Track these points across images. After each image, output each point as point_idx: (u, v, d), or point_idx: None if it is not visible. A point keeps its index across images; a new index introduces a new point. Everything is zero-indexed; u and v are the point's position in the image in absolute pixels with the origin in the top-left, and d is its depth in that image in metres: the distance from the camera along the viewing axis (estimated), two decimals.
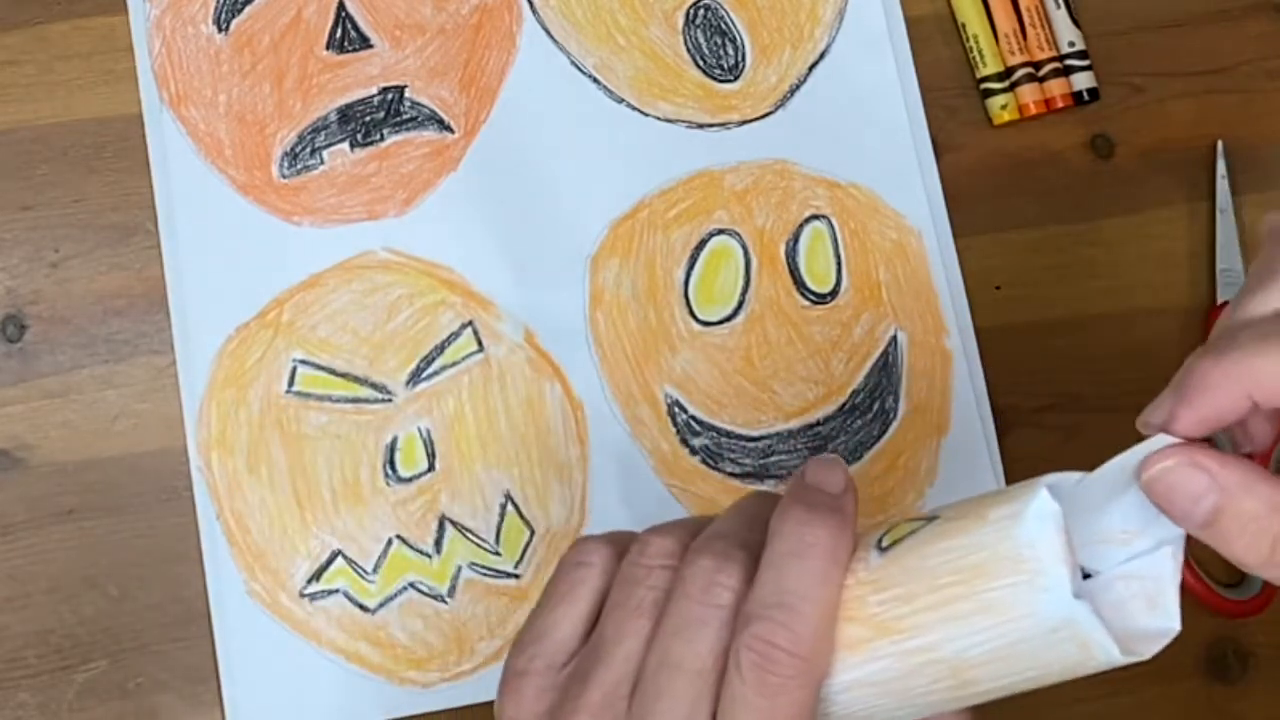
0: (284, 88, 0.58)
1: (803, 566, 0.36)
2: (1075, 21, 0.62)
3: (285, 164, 0.58)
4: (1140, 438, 0.38)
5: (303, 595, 0.54)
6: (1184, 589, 0.58)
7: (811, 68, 0.61)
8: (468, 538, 0.55)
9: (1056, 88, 0.61)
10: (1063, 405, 0.59)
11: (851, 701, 0.37)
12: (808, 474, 0.38)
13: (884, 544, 0.37)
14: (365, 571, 0.55)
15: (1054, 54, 0.61)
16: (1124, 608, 0.37)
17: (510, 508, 0.56)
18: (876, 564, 0.37)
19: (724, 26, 0.61)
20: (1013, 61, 0.61)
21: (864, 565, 0.37)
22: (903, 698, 0.37)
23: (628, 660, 0.36)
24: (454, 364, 0.57)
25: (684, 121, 0.59)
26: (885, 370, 0.58)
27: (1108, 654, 0.36)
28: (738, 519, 0.38)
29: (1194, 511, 0.36)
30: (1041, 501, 0.35)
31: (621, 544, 0.39)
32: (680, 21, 0.60)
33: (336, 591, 0.54)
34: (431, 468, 0.56)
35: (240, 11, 0.58)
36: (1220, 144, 0.62)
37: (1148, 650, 0.37)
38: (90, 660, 0.54)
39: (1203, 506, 0.35)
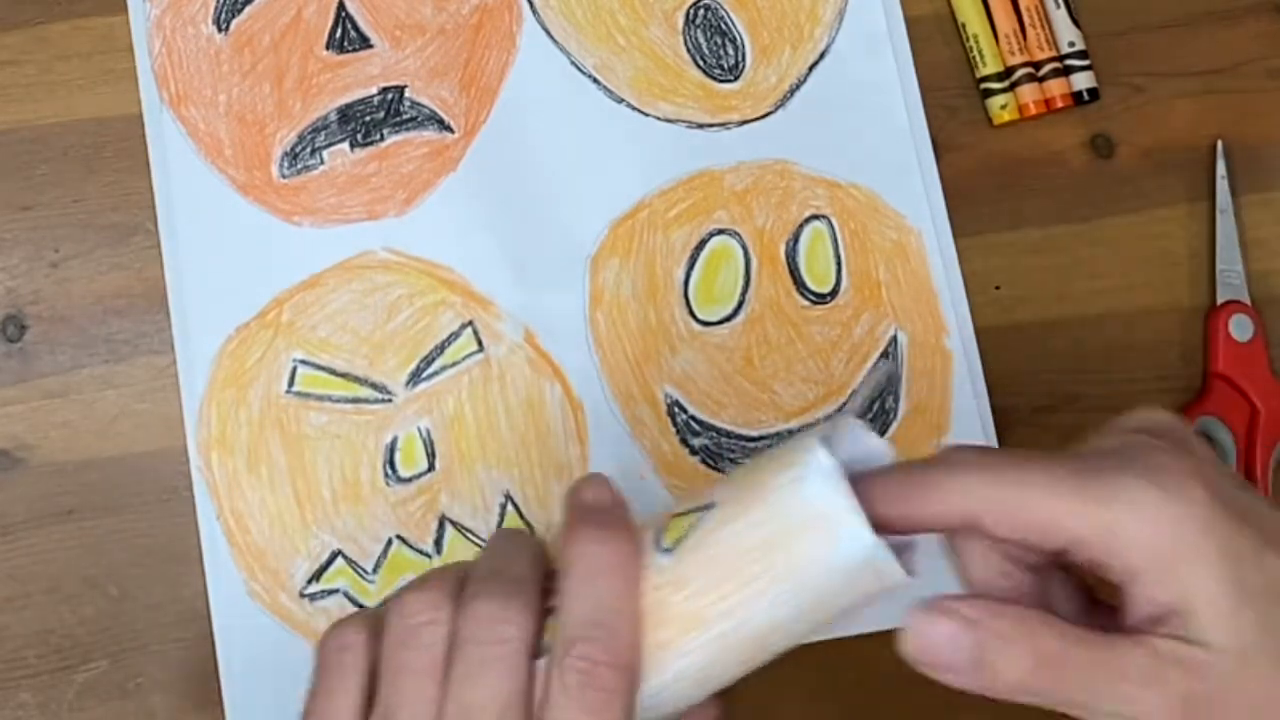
0: (284, 88, 0.58)
1: (610, 583, 0.37)
2: (1075, 21, 0.62)
3: (285, 164, 0.58)
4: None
5: (303, 595, 0.54)
6: None
7: (811, 68, 0.61)
8: (468, 538, 0.55)
9: (1056, 88, 0.61)
10: (1063, 405, 0.59)
11: (664, 702, 0.38)
12: (585, 494, 0.39)
13: (666, 544, 0.38)
14: (365, 571, 0.55)
15: (1054, 54, 0.62)
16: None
17: (510, 508, 0.56)
18: (667, 564, 0.38)
19: (724, 26, 0.61)
20: (1013, 61, 0.61)
21: (654, 568, 0.38)
22: (709, 683, 0.38)
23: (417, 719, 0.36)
24: (454, 364, 0.57)
25: (684, 121, 0.59)
26: (885, 370, 0.58)
27: (897, 578, 0.37)
28: (498, 558, 0.39)
29: (956, 658, 0.38)
30: (820, 460, 0.37)
31: (375, 617, 0.39)
32: (680, 21, 0.60)
33: (337, 591, 0.54)
34: (431, 468, 0.56)
35: (240, 11, 0.58)
36: (1220, 144, 0.62)
37: (917, 567, 0.39)
38: (90, 660, 0.54)
39: (962, 648, 0.38)
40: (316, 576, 0.55)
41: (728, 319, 0.58)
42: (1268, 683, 0.36)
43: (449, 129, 0.58)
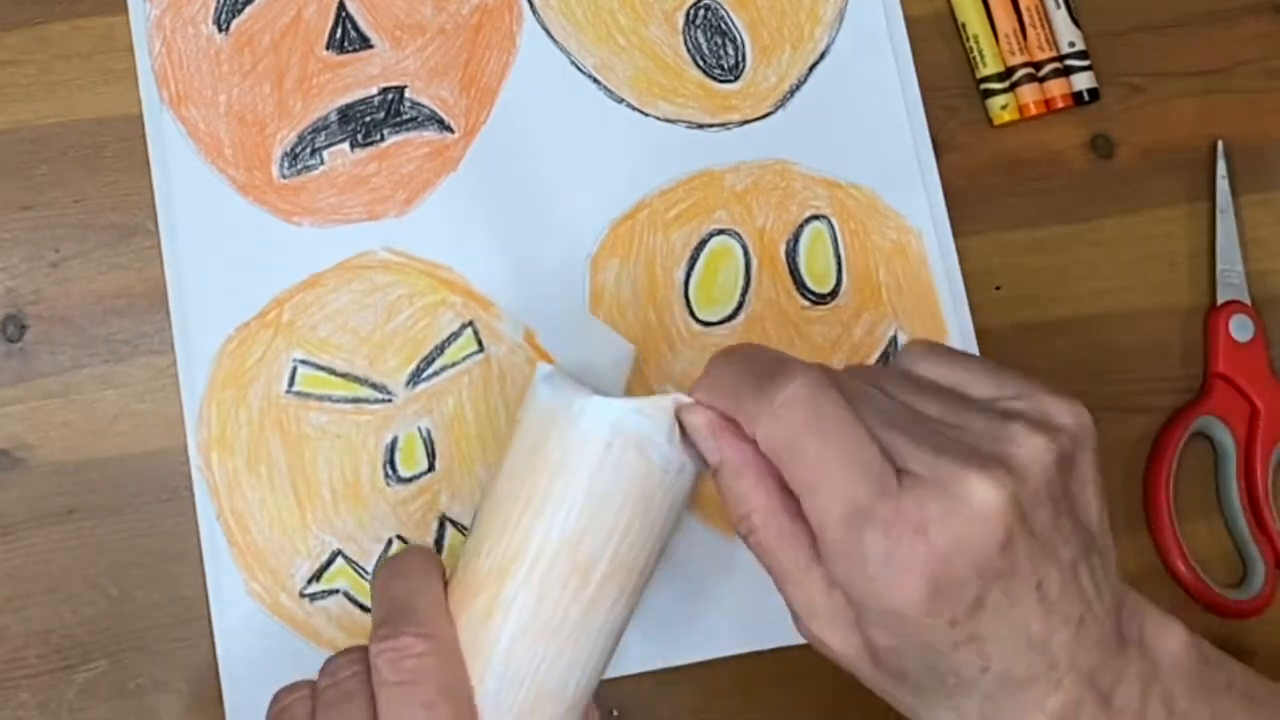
0: (284, 88, 0.58)
1: (403, 579, 0.40)
2: (1075, 21, 0.62)
3: (285, 164, 0.58)
4: None
5: (303, 595, 0.54)
6: (1185, 588, 0.58)
7: (812, 68, 0.61)
8: (468, 537, 0.55)
9: (1056, 88, 0.61)
10: None
11: (519, 667, 0.39)
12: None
13: (468, 526, 0.41)
14: (366, 571, 0.55)
15: (1054, 54, 0.62)
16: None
17: None
18: (469, 542, 0.40)
19: (724, 26, 0.61)
20: (1013, 61, 0.61)
21: (462, 554, 0.40)
22: (556, 629, 0.39)
23: None
24: (454, 364, 0.57)
25: (684, 121, 0.59)
26: None
27: (661, 451, 0.39)
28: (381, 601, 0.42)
29: (708, 458, 0.40)
30: (543, 369, 0.40)
31: (303, 685, 0.43)
32: (680, 21, 0.60)
33: (337, 591, 0.54)
34: (432, 467, 0.56)
35: (240, 11, 0.58)
36: (1220, 144, 0.62)
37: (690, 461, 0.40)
38: (90, 660, 0.54)
39: (713, 459, 0.40)
40: (317, 576, 0.55)
41: (728, 319, 0.58)
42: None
43: (449, 129, 0.58)
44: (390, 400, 0.56)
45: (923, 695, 0.39)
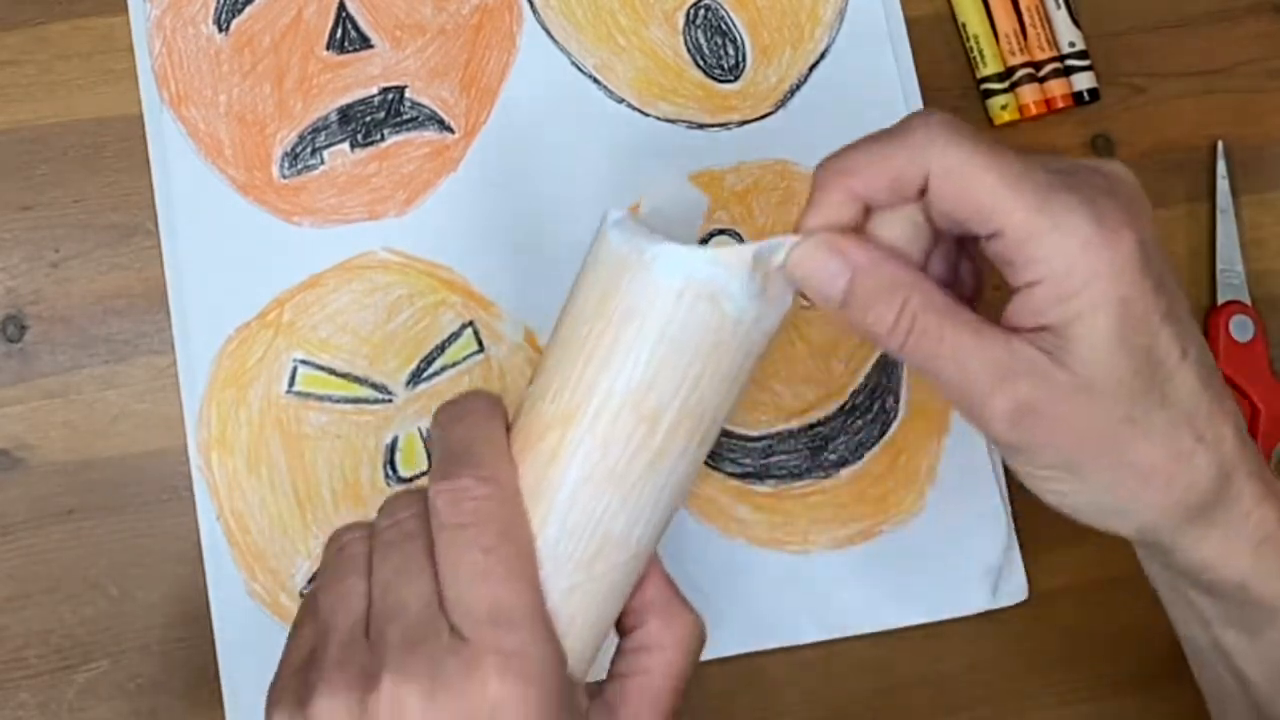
0: (284, 88, 0.58)
1: (465, 421, 0.39)
2: (1075, 21, 0.62)
3: (285, 164, 0.58)
4: None
5: (303, 595, 0.54)
6: None
7: (812, 68, 0.61)
8: (531, 383, 0.55)
9: (1057, 88, 0.61)
10: None
11: (580, 516, 0.38)
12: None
13: (531, 374, 0.39)
14: None
15: (1054, 54, 0.61)
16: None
17: None
18: (532, 386, 0.39)
19: (724, 27, 0.61)
20: (1013, 62, 0.61)
21: (526, 398, 0.39)
22: (620, 478, 0.38)
23: (351, 612, 0.38)
24: (454, 364, 0.57)
25: (684, 121, 0.59)
26: (885, 370, 0.58)
27: (735, 302, 0.38)
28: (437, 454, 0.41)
29: (831, 290, 0.39)
30: (613, 215, 0.38)
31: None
32: (680, 22, 0.60)
33: None
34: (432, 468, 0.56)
35: (240, 11, 0.58)
36: (1220, 144, 0.62)
37: (778, 307, 0.39)
38: (90, 660, 0.54)
39: (838, 284, 0.39)
40: (317, 576, 0.55)
41: None
42: (1097, 422, 0.38)
43: (449, 129, 0.58)
44: (390, 400, 0.56)
45: (1125, 426, 0.38)
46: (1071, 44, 0.61)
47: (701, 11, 0.61)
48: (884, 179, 0.39)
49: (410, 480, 0.56)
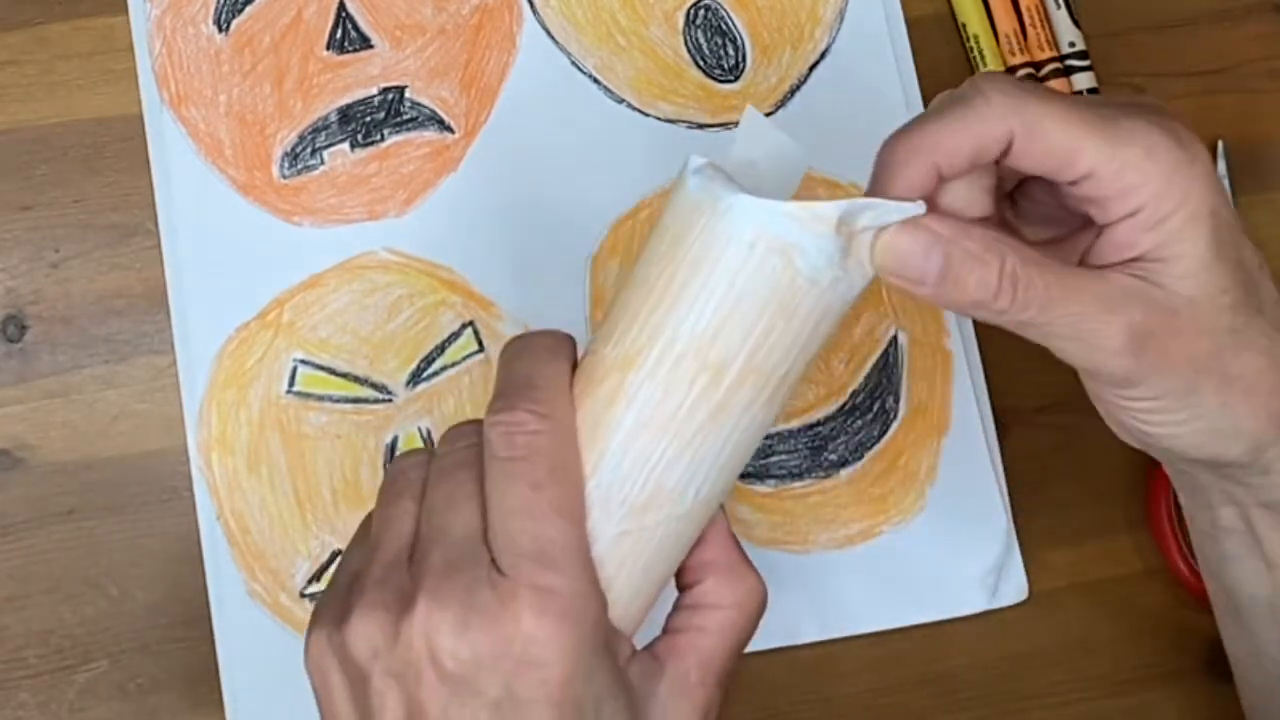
0: (284, 88, 0.58)
1: (528, 357, 0.39)
2: (1075, 22, 0.62)
3: (285, 164, 0.58)
4: None
5: (303, 595, 0.54)
6: (1185, 588, 0.58)
7: (812, 68, 0.61)
8: (599, 325, 0.55)
9: (1057, 88, 0.61)
10: (1063, 405, 0.59)
11: (635, 461, 0.37)
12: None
13: (598, 318, 0.39)
14: None
15: (1054, 54, 0.62)
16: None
17: None
18: (597, 331, 0.38)
19: (724, 27, 0.61)
20: (1013, 62, 0.61)
21: (592, 341, 0.39)
22: (679, 427, 0.37)
23: (399, 534, 0.38)
24: (454, 364, 0.57)
25: (684, 121, 0.59)
26: (885, 370, 0.58)
27: (810, 260, 0.36)
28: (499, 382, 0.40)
29: (927, 269, 0.38)
30: (690, 164, 0.38)
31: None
32: (680, 22, 0.60)
33: None
34: None
35: (240, 12, 0.58)
36: (1221, 144, 0.62)
37: (860, 274, 0.38)
38: (91, 660, 0.54)
39: (933, 261, 0.38)
40: (317, 577, 0.55)
41: None
42: (1205, 337, 0.38)
43: (449, 129, 0.58)
44: (390, 400, 0.56)
45: (1229, 337, 0.38)
46: (1071, 44, 0.61)
47: (701, 11, 0.61)
48: (967, 149, 0.39)
49: None
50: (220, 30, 0.58)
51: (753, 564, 0.40)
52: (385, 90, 0.58)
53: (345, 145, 0.58)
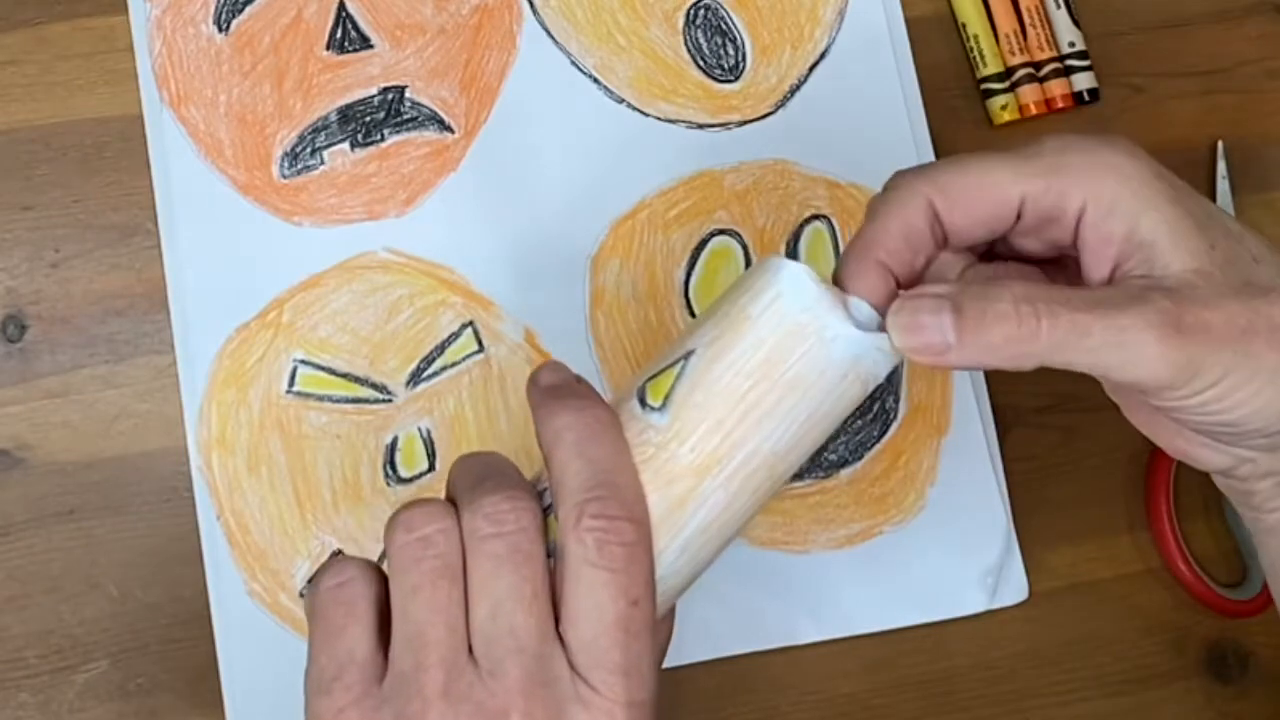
0: (284, 88, 0.58)
1: (602, 445, 0.37)
2: (1075, 22, 0.62)
3: (285, 164, 0.58)
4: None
5: (303, 595, 0.54)
6: (1185, 588, 0.58)
7: (812, 68, 0.61)
8: (656, 406, 0.55)
9: (1057, 88, 0.61)
10: (1063, 405, 0.59)
11: (689, 560, 0.38)
12: (545, 378, 0.39)
13: (654, 403, 0.38)
14: None
15: (1054, 54, 0.61)
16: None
17: None
18: (664, 422, 0.37)
19: (724, 27, 0.61)
20: (1013, 62, 0.61)
21: (650, 429, 0.38)
22: (731, 525, 0.38)
23: (453, 629, 0.35)
24: (454, 364, 0.57)
25: (684, 121, 0.59)
26: None
27: (877, 377, 0.38)
28: (480, 466, 0.38)
29: (944, 326, 0.37)
30: (791, 271, 0.38)
31: (362, 558, 0.38)
32: (680, 22, 0.60)
33: None
34: (432, 468, 0.56)
35: (240, 12, 0.58)
36: (1220, 144, 0.62)
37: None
38: (90, 660, 0.54)
39: (945, 317, 0.37)
40: None
41: None
42: (1236, 300, 0.37)
43: (449, 129, 0.58)
44: (390, 400, 0.56)
45: (1249, 291, 0.38)
46: (1071, 44, 0.61)
47: (701, 11, 0.61)
48: (898, 233, 0.39)
49: (410, 480, 0.56)
50: (220, 30, 0.58)
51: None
52: (385, 90, 0.58)
53: (345, 145, 0.58)
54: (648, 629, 0.36)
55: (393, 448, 0.56)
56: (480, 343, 0.57)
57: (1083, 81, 0.61)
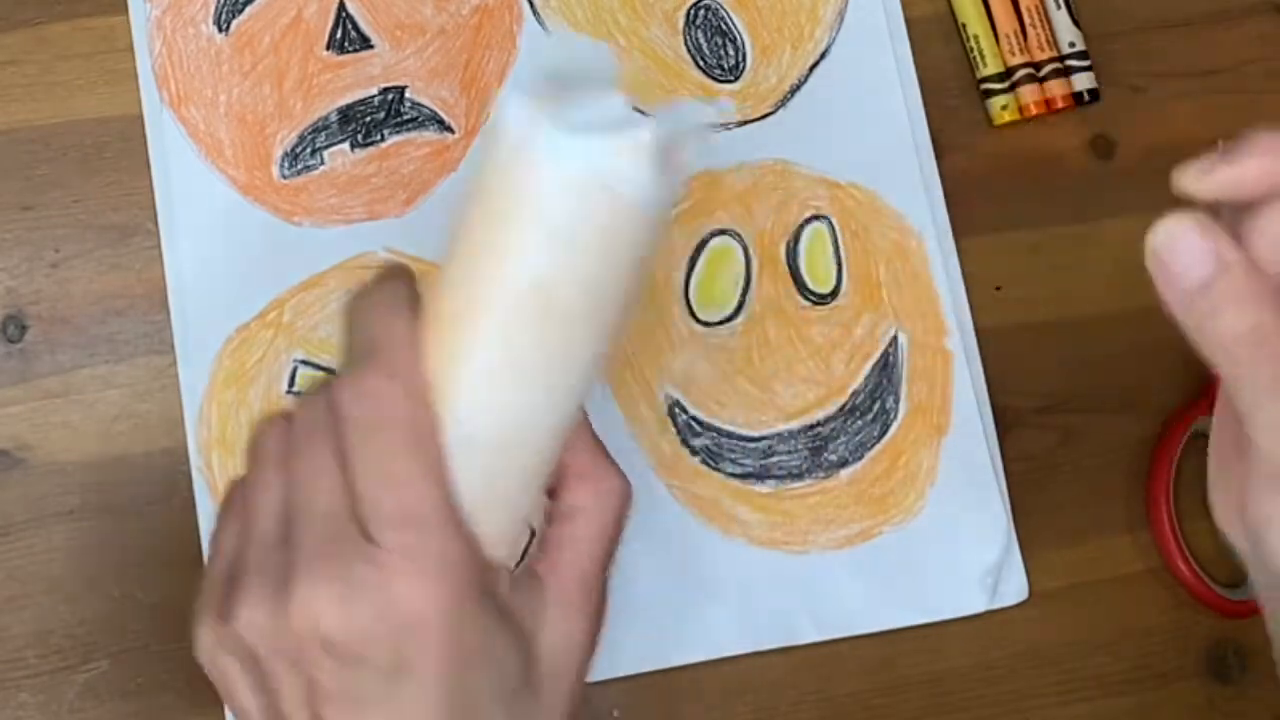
0: (284, 88, 0.58)
1: (370, 315, 0.38)
2: (1075, 22, 0.62)
3: (286, 164, 0.58)
4: None
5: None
6: (1185, 588, 0.58)
7: (812, 68, 0.61)
8: (440, 270, 0.55)
9: (1057, 88, 0.61)
10: (1063, 405, 0.59)
11: (486, 406, 0.37)
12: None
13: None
14: None
15: (1054, 54, 0.61)
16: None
17: None
18: (437, 278, 0.37)
19: (724, 27, 0.61)
20: (1013, 62, 0.61)
21: (431, 290, 0.38)
22: (524, 370, 0.37)
23: (264, 512, 0.38)
24: None
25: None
26: (885, 370, 0.58)
27: (630, 187, 0.35)
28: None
29: (1194, 272, 0.36)
30: (501, 100, 0.37)
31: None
32: (680, 22, 0.60)
33: None
34: None
35: (240, 12, 0.58)
36: (1221, 144, 0.61)
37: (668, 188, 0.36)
38: (91, 660, 0.54)
39: (1204, 269, 0.35)
40: None
41: (728, 320, 0.58)
42: None
43: (449, 129, 0.58)
44: None
45: None
46: (1071, 44, 0.61)
47: (701, 11, 0.61)
48: None
49: None
50: (220, 30, 0.58)
51: (612, 461, 0.40)
52: (385, 90, 0.58)
53: (345, 145, 0.58)
54: (418, 477, 0.36)
55: None
56: None
57: (1083, 81, 0.61)
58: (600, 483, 0.40)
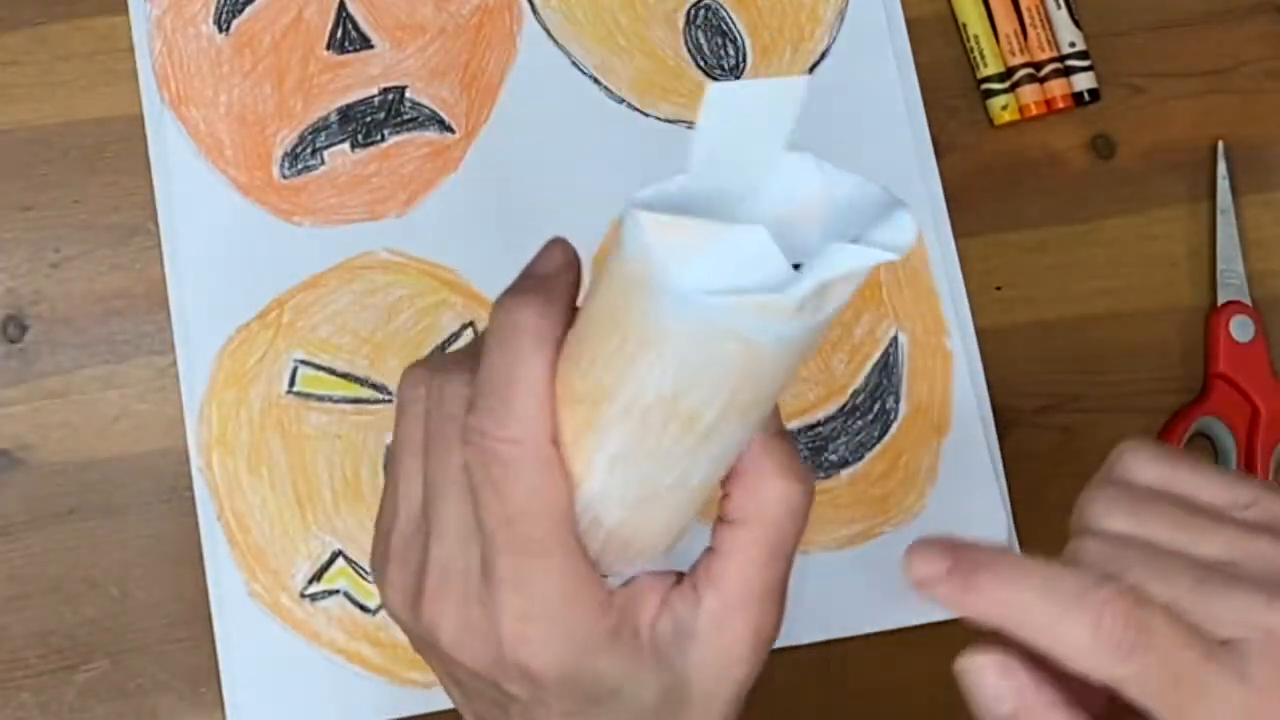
0: (285, 88, 0.58)
1: (505, 350, 0.35)
2: (1076, 22, 0.62)
3: (286, 164, 0.58)
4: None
5: (303, 596, 0.54)
6: None
7: (812, 68, 0.61)
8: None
9: (1057, 88, 0.61)
10: (1063, 405, 0.59)
11: (619, 485, 0.35)
12: (536, 258, 0.39)
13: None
14: (366, 572, 0.54)
15: (1055, 54, 0.62)
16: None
17: None
18: (572, 337, 0.35)
19: (724, 27, 0.61)
20: (1013, 62, 0.61)
21: (568, 342, 0.35)
22: (662, 456, 0.34)
23: (409, 498, 0.37)
24: None
25: (684, 122, 0.59)
26: (885, 371, 0.58)
27: (769, 335, 0.31)
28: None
29: (996, 707, 0.37)
30: (630, 216, 0.32)
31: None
32: (681, 22, 0.60)
33: (337, 592, 0.54)
34: None
35: (241, 12, 0.58)
36: (1221, 144, 0.62)
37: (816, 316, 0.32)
38: (91, 661, 0.54)
39: (1007, 705, 0.37)
40: (317, 577, 0.55)
41: None
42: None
43: (450, 129, 0.58)
44: (390, 400, 0.56)
45: None
46: (1072, 44, 0.61)
47: (702, 11, 0.61)
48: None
49: None
50: (220, 30, 0.58)
51: (793, 459, 0.36)
52: (385, 90, 0.58)
53: (345, 145, 0.58)
54: (531, 543, 0.34)
55: None
56: None
57: (1083, 81, 0.61)
58: (761, 488, 0.36)
